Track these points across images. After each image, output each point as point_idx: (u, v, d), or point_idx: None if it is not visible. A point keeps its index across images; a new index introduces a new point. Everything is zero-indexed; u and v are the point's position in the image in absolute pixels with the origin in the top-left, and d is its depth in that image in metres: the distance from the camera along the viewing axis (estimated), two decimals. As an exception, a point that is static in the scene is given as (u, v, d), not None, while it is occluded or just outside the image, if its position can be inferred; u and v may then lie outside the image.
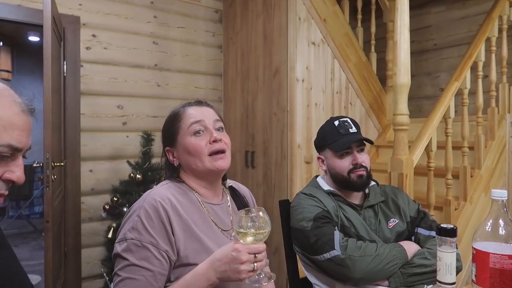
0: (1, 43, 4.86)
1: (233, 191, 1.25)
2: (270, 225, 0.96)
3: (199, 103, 1.18)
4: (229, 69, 3.50)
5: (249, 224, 0.93)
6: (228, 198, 1.22)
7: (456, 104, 2.59)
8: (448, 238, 0.74)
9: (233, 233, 1.12)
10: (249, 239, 0.93)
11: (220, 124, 1.15)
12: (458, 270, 1.23)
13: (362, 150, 1.47)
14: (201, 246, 1.03)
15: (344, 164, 1.43)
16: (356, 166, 1.42)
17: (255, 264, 0.92)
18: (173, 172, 1.16)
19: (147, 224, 1.00)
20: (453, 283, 0.74)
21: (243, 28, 3.29)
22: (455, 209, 2.45)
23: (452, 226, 0.74)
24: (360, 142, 1.46)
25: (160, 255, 0.99)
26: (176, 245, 1.01)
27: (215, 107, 1.22)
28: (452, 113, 2.47)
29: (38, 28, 2.49)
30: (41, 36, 2.26)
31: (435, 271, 1.25)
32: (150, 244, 0.98)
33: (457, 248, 1.13)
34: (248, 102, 3.22)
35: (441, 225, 0.75)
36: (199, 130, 1.10)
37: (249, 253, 0.91)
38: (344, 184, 1.44)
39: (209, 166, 1.09)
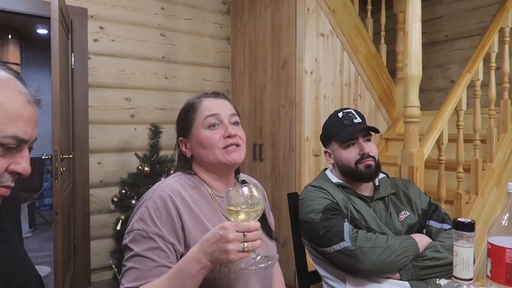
0: (10, 36, 4.89)
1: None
2: (264, 203, 0.89)
3: (216, 94, 1.15)
4: (237, 61, 3.47)
5: (240, 201, 0.86)
6: None
7: (468, 96, 2.54)
8: (466, 233, 0.71)
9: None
10: (241, 217, 0.86)
11: (236, 118, 1.13)
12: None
13: (368, 140, 1.45)
14: None
15: (350, 155, 1.41)
16: (363, 156, 1.40)
17: (246, 244, 0.83)
18: (185, 163, 1.14)
19: (154, 216, 0.99)
20: (471, 279, 0.72)
21: (251, 19, 3.25)
22: (466, 203, 2.41)
23: (470, 220, 0.72)
24: (365, 131, 1.43)
25: (166, 247, 0.97)
26: (186, 237, 1.00)
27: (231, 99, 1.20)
28: (464, 105, 2.42)
29: (46, 21, 2.49)
30: (49, 29, 2.26)
31: (447, 265, 1.24)
32: (156, 235, 0.97)
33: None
34: (256, 94, 3.20)
35: (458, 219, 0.72)
36: (214, 124, 1.08)
37: (237, 231, 0.83)
38: (352, 175, 1.42)
39: (222, 159, 1.07)
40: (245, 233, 0.84)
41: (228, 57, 3.59)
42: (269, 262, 0.91)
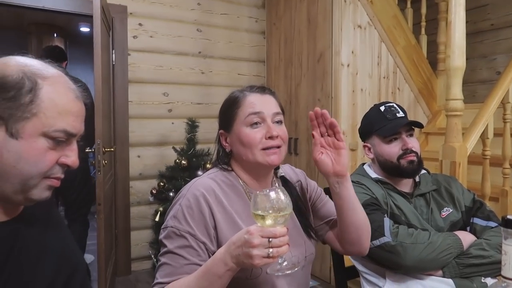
0: (56, 35, 5.11)
1: (284, 182, 1.20)
2: (291, 207, 0.85)
3: (261, 90, 1.11)
4: (272, 55, 3.46)
5: (267, 205, 0.83)
6: (277, 187, 1.17)
7: (516, 88, 2.41)
8: (515, 231, 0.68)
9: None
10: (268, 222, 0.83)
11: (280, 117, 1.08)
12: None
13: (411, 135, 1.41)
14: None
15: (393, 150, 1.37)
16: (406, 151, 1.36)
17: (270, 250, 0.81)
18: (224, 157, 1.13)
19: (187, 214, 1.00)
20: (519, 279, 0.68)
21: (286, 12, 3.23)
22: (513, 200, 2.30)
23: (518, 217, 0.68)
24: (408, 126, 1.39)
25: (197, 245, 0.98)
26: (218, 236, 1.01)
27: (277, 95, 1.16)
28: (511, 98, 2.30)
29: (88, 19, 2.59)
30: (91, 27, 2.35)
31: (493, 263, 1.19)
32: (188, 234, 0.98)
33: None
34: (291, 88, 3.18)
35: (508, 216, 0.69)
36: (256, 122, 1.05)
37: (262, 237, 0.81)
38: (394, 171, 1.38)
39: (260, 160, 1.04)
40: (270, 239, 0.82)
41: (263, 51, 3.59)
42: (296, 269, 0.89)
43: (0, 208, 0.76)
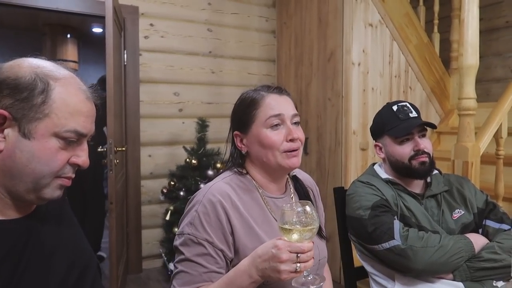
0: (69, 35, 5.18)
1: (296, 181, 1.20)
2: (318, 221, 0.86)
3: (279, 90, 1.10)
4: (283, 54, 3.46)
5: (294, 220, 0.84)
6: (292, 189, 1.17)
7: (531, 86, 2.36)
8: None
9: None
10: (294, 236, 0.84)
11: (297, 118, 1.08)
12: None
13: (423, 135, 1.38)
14: (260, 244, 0.97)
15: (405, 151, 1.36)
16: (418, 152, 1.34)
17: (298, 265, 0.82)
18: (239, 159, 1.11)
19: (204, 221, 0.98)
20: (531, 281, 0.67)
21: (297, 11, 3.22)
22: (528, 201, 2.26)
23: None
24: (421, 127, 1.37)
25: (215, 253, 0.97)
26: (235, 243, 1.00)
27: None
28: (526, 97, 2.26)
29: (101, 20, 2.62)
30: (103, 27, 2.38)
31: (505, 267, 1.17)
32: (206, 241, 0.97)
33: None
34: (301, 87, 3.17)
35: (519, 218, 0.68)
36: (277, 124, 1.04)
37: (290, 252, 0.82)
38: (405, 172, 1.37)
39: (282, 163, 1.04)
40: (299, 254, 0.83)
41: (273, 51, 3.59)
42: (321, 284, 0.89)
43: (13, 206, 0.77)
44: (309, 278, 0.88)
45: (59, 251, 0.83)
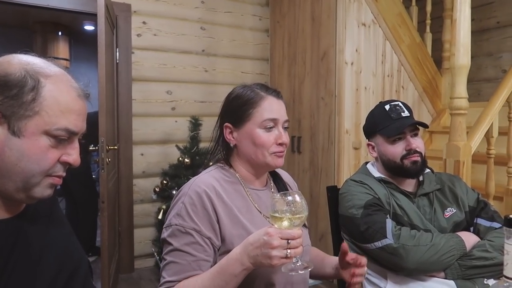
0: (60, 33, 5.12)
1: (275, 176, 1.25)
2: (307, 210, 0.90)
3: (277, 94, 1.14)
4: (276, 53, 3.46)
5: (284, 208, 0.88)
6: (271, 183, 1.22)
7: (522, 86, 2.38)
8: (517, 231, 0.67)
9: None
10: (285, 224, 0.89)
11: (287, 123, 1.14)
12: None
13: (415, 134, 1.39)
14: (246, 232, 1.02)
15: (396, 150, 1.36)
16: (410, 151, 1.35)
17: (288, 251, 0.86)
18: (225, 150, 1.15)
19: (191, 211, 1.01)
20: (521, 279, 0.68)
21: (290, 10, 3.22)
22: (518, 200, 2.28)
23: (521, 217, 0.68)
24: (413, 126, 1.38)
25: (203, 241, 1.00)
26: (221, 231, 1.02)
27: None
28: (517, 97, 2.28)
29: (93, 17, 2.60)
30: (95, 25, 2.35)
31: (496, 265, 1.18)
32: (193, 230, 1.00)
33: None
34: (295, 86, 3.17)
35: (510, 215, 0.69)
36: (271, 127, 1.09)
37: (281, 238, 0.86)
38: (397, 171, 1.37)
39: (269, 162, 1.10)
40: (289, 240, 0.86)
41: (267, 50, 3.58)
42: (309, 270, 0.93)
43: (3, 205, 0.76)
44: (298, 264, 0.91)
45: (48, 252, 0.81)
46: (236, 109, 1.11)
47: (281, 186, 1.22)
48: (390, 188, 1.38)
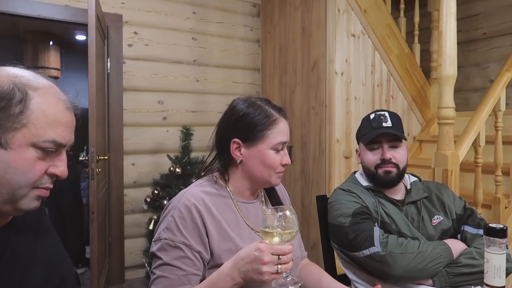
0: (51, 43, 5.11)
1: (268, 188, 1.24)
2: (298, 225, 0.91)
3: (285, 115, 1.14)
4: (267, 63, 3.49)
5: (275, 223, 0.89)
6: (262, 195, 1.22)
7: (508, 96, 2.44)
8: (498, 239, 0.69)
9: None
10: (275, 239, 0.89)
11: (287, 143, 1.15)
12: (508, 272, 1.16)
13: (394, 146, 1.40)
14: (234, 246, 1.02)
15: (372, 158, 1.41)
16: (384, 161, 1.38)
17: (279, 266, 0.86)
18: (226, 163, 1.13)
19: (180, 225, 1.01)
20: (502, 287, 0.69)
21: (281, 21, 3.26)
22: (505, 208, 2.31)
23: (502, 226, 0.69)
24: (392, 137, 1.40)
25: (192, 255, 1.00)
26: (210, 245, 1.02)
27: None
28: (503, 106, 2.32)
29: (84, 27, 2.60)
30: (87, 35, 2.36)
31: (482, 272, 1.19)
32: (183, 245, 0.99)
33: (507, 248, 1.06)
34: (285, 96, 3.20)
35: (490, 224, 0.70)
36: (280, 149, 1.11)
37: (272, 254, 0.86)
38: (372, 178, 1.42)
39: (272, 181, 1.12)
40: (280, 256, 0.87)
41: (258, 59, 3.61)
42: (299, 285, 0.93)
43: (-11, 217, 0.76)
44: (288, 279, 0.92)
45: (35, 263, 0.81)
46: (251, 128, 1.08)
47: (272, 197, 1.23)
48: (378, 196, 1.40)
